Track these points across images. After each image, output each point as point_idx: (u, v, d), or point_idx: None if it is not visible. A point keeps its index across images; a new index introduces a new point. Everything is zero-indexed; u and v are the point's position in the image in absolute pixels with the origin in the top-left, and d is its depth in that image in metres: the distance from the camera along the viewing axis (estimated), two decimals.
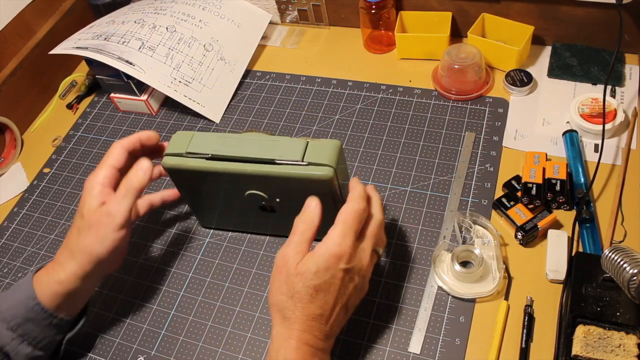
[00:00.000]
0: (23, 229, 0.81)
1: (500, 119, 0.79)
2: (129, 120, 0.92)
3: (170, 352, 0.65)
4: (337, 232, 0.53)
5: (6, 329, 0.57)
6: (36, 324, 0.58)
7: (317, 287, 0.51)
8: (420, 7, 0.89)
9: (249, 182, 0.61)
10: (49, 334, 0.59)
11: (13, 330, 0.57)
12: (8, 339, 0.57)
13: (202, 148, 0.60)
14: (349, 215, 0.54)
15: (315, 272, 0.51)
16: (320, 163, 0.56)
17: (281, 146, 0.58)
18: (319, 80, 0.90)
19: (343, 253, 0.52)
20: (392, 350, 0.61)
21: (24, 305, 0.57)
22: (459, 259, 0.64)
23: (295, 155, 0.57)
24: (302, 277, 0.51)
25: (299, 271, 0.51)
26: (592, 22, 0.80)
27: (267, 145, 0.58)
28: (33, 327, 0.58)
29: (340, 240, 0.52)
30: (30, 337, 0.58)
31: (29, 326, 0.57)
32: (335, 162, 0.56)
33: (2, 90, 0.90)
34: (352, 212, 0.54)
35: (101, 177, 0.59)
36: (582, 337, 0.54)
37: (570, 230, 0.65)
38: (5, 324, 0.57)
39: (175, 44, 0.88)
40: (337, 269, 0.52)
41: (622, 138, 0.74)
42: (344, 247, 0.52)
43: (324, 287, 0.51)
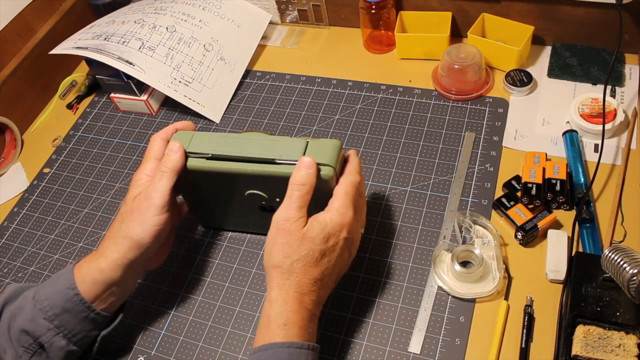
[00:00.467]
0: (23, 229, 0.81)
1: (500, 119, 0.79)
2: (129, 120, 0.92)
3: (170, 352, 0.65)
4: (340, 203, 0.55)
5: (43, 318, 0.56)
6: (73, 315, 0.57)
7: (322, 252, 0.54)
8: (420, 7, 0.89)
9: (249, 182, 0.61)
10: (85, 328, 0.58)
11: (50, 321, 0.56)
12: (44, 330, 0.57)
13: (202, 148, 0.60)
14: (350, 187, 0.56)
15: (323, 238, 0.54)
16: (321, 163, 0.56)
17: (281, 146, 0.58)
18: (319, 80, 0.90)
19: (346, 222, 0.55)
20: (392, 350, 0.61)
21: (63, 295, 0.57)
22: (459, 259, 0.64)
23: (295, 155, 0.57)
24: (310, 241, 0.53)
25: (308, 235, 0.53)
26: (592, 22, 0.80)
27: (267, 145, 0.58)
28: (70, 318, 0.57)
29: (344, 211, 0.55)
30: (66, 329, 0.57)
31: (65, 317, 0.57)
32: (335, 161, 0.57)
33: (2, 90, 0.90)
34: (352, 184, 0.56)
35: (148, 169, 0.61)
36: (582, 337, 0.54)
37: (570, 230, 0.65)
38: (42, 313, 0.56)
39: (175, 44, 0.88)
40: (340, 237, 0.55)
41: (622, 138, 0.74)
42: (347, 217, 0.55)
43: (327, 253, 0.54)
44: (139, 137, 0.89)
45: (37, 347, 0.57)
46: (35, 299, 0.57)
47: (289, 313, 0.52)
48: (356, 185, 0.57)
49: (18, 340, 0.57)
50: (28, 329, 0.56)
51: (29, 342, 0.57)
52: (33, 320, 0.56)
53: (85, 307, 0.57)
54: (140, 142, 0.88)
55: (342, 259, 0.56)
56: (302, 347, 0.51)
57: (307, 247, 0.53)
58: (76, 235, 0.78)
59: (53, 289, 0.58)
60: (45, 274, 0.75)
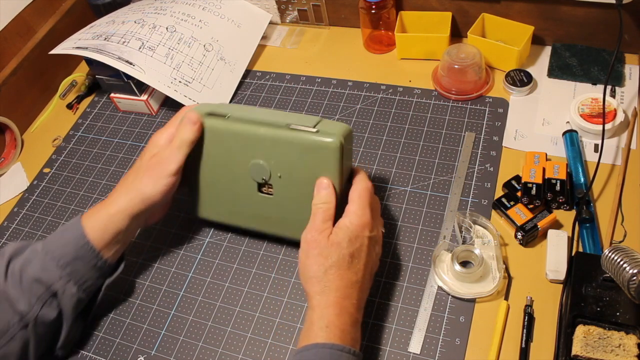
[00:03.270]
0: (23, 229, 0.81)
1: (500, 119, 0.79)
2: (129, 120, 0.92)
3: (170, 352, 0.65)
4: (356, 207, 0.58)
5: (55, 267, 0.60)
6: (84, 262, 0.61)
7: (352, 254, 0.56)
8: (420, 7, 0.89)
9: (257, 149, 0.62)
10: (93, 276, 0.63)
11: (62, 269, 0.60)
12: (56, 277, 0.60)
13: (222, 110, 0.64)
14: (363, 191, 0.59)
15: (349, 241, 0.56)
16: (330, 132, 0.59)
17: (296, 117, 0.62)
18: (319, 80, 0.90)
19: (366, 222, 0.58)
20: (392, 350, 0.61)
21: (74, 244, 0.61)
22: (459, 259, 0.64)
23: (308, 123, 0.60)
24: (337, 246, 0.56)
25: (334, 242, 0.56)
26: (592, 22, 0.80)
27: (282, 115, 0.62)
28: (81, 266, 0.61)
29: (361, 212, 0.58)
30: (77, 276, 0.61)
31: (77, 265, 0.61)
32: (342, 136, 0.59)
33: (2, 90, 0.90)
34: (365, 188, 0.60)
35: (167, 134, 0.66)
36: (582, 337, 0.54)
37: (570, 230, 0.65)
38: (54, 261, 0.60)
39: (175, 44, 0.88)
40: (364, 237, 0.57)
41: (622, 138, 0.74)
42: (366, 217, 0.58)
43: (356, 254, 0.57)
44: (139, 137, 0.89)
45: (49, 295, 0.60)
46: (45, 250, 0.61)
47: (330, 316, 0.54)
48: (368, 190, 0.60)
49: (30, 289, 0.60)
50: (41, 277, 0.60)
51: (41, 291, 0.60)
52: (45, 269, 0.60)
53: (94, 254, 0.62)
54: (140, 142, 0.88)
55: (371, 257, 0.59)
56: (343, 349, 0.52)
57: (337, 253, 0.56)
58: None
59: (63, 240, 0.62)
60: None
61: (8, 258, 0.62)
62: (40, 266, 0.60)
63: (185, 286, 0.70)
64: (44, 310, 0.60)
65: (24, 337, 0.60)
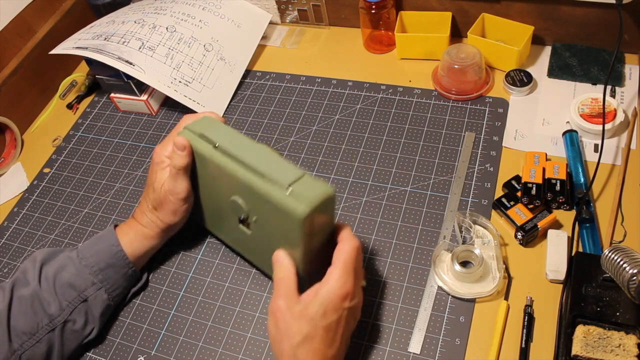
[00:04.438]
0: (23, 229, 0.81)
1: (500, 119, 0.79)
2: (129, 120, 0.92)
3: (170, 352, 0.65)
4: (339, 273, 0.53)
5: (88, 273, 0.63)
6: (116, 270, 0.64)
7: (326, 328, 0.52)
8: (420, 7, 0.89)
9: (237, 188, 0.59)
10: (123, 284, 0.66)
11: (94, 275, 0.63)
12: (89, 284, 0.63)
13: (214, 135, 0.61)
14: (349, 254, 0.54)
15: (323, 314, 0.51)
16: (302, 198, 0.53)
17: (278, 167, 0.56)
18: (319, 80, 0.90)
19: (347, 293, 0.53)
20: (392, 350, 0.61)
21: (108, 252, 0.64)
22: (459, 259, 0.64)
23: (285, 179, 0.54)
24: (310, 320, 0.51)
25: (307, 314, 0.52)
26: (592, 22, 0.80)
27: (267, 160, 0.57)
28: (113, 273, 0.64)
29: (344, 281, 0.53)
30: (108, 283, 0.64)
31: (109, 272, 0.64)
32: (315, 205, 0.52)
33: (2, 90, 0.90)
34: (351, 250, 0.54)
35: (168, 152, 0.65)
36: (582, 337, 0.54)
37: (570, 230, 0.65)
38: (88, 268, 0.63)
39: (175, 44, 0.88)
40: (343, 309, 0.53)
41: (622, 138, 0.74)
42: (348, 287, 0.53)
43: (333, 327, 0.52)
44: (139, 137, 0.89)
45: (80, 301, 0.62)
46: (79, 257, 0.63)
47: None
48: (355, 250, 0.55)
49: (63, 294, 0.62)
50: (74, 283, 0.62)
51: (73, 296, 0.62)
52: (79, 275, 0.62)
53: (126, 263, 0.65)
54: (140, 142, 0.88)
55: (349, 327, 0.55)
56: None
57: (309, 327, 0.51)
58: (76, 235, 0.78)
59: (97, 248, 0.64)
60: None
61: (40, 263, 0.64)
62: (75, 272, 0.63)
63: (185, 286, 0.70)
64: (73, 315, 0.62)
65: (50, 341, 0.61)
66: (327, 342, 0.52)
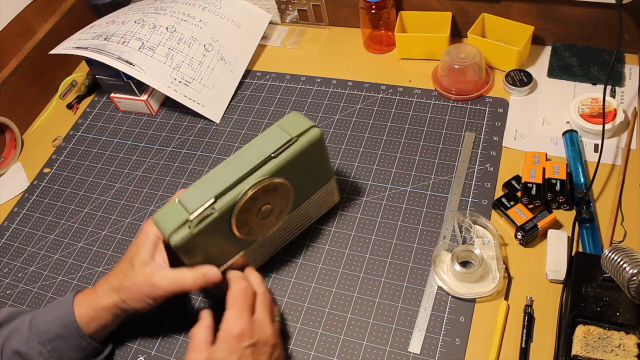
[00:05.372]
0: (23, 229, 0.81)
1: (500, 119, 0.79)
2: (129, 120, 0.92)
3: (170, 352, 0.65)
4: (231, 314, 0.55)
5: (37, 342, 0.59)
6: (67, 342, 0.59)
7: None
8: (420, 7, 0.89)
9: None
10: (75, 357, 0.60)
11: (43, 345, 0.59)
12: (36, 353, 0.59)
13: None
14: (237, 295, 0.57)
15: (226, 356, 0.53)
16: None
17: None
18: (319, 80, 0.90)
19: (242, 331, 0.54)
20: (392, 350, 0.61)
21: (61, 322, 0.59)
22: (459, 259, 0.64)
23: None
24: None
25: None
26: (592, 22, 0.80)
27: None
28: (63, 345, 0.59)
29: (236, 320, 0.55)
30: (57, 354, 0.59)
31: (59, 343, 0.59)
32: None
33: (2, 90, 0.90)
34: (237, 291, 0.57)
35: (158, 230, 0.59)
36: (582, 337, 0.54)
37: (570, 230, 0.65)
38: (37, 337, 0.59)
39: (175, 44, 0.88)
40: (242, 348, 0.53)
41: (622, 138, 0.74)
42: (241, 324, 0.54)
43: None
44: (139, 137, 0.89)
45: None
46: (32, 323, 0.60)
47: None
48: (241, 292, 0.57)
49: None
50: (21, 350, 0.59)
51: None
52: (27, 343, 0.59)
53: (80, 335, 0.60)
54: (140, 142, 0.88)
55: None
56: None
57: None
58: (76, 235, 0.78)
59: (51, 316, 0.60)
60: (45, 273, 0.75)
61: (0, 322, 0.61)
62: (24, 339, 0.59)
63: None
64: None
65: None
66: None
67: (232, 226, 0.59)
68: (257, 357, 0.54)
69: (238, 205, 0.57)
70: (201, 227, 0.56)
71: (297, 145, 0.60)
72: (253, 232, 0.62)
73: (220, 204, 0.56)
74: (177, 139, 0.87)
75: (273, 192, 0.60)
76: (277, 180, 0.59)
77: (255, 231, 0.62)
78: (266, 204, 0.61)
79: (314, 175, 0.64)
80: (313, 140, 0.60)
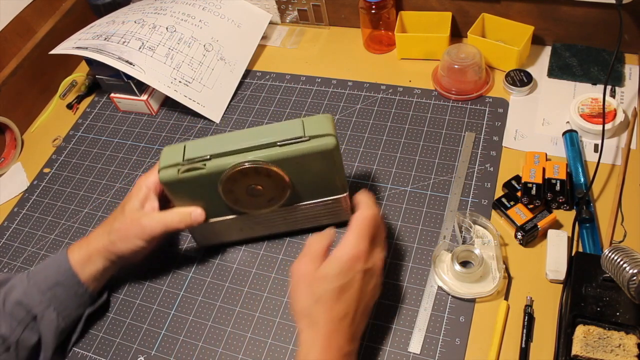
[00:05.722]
0: (23, 229, 0.81)
1: (500, 119, 0.79)
2: (129, 120, 0.92)
3: (170, 352, 0.65)
4: (353, 236, 0.55)
5: (37, 291, 0.62)
6: (65, 289, 0.63)
7: (340, 288, 0.53)
8: (420, 7, 0.89)
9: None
10: (73, 304, 0.64)
11: (43, 294, 0.62)
12: (37, 301, 0.62)
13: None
14: (364, 221, 0.56)
15: (337, 274, 0.53)
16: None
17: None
18: (319, 80, 0.90)
19: (361, 255, 0.55)
20: (392, 350, 0.61)
21: (56, 269, 0.63)
22: (459, 259, 0.64)
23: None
24: (325, 280, 0.53)
25: (321, 275, 0.54)
26: (592, 22, 0.80)
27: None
28: (61, 291, 0.63)
29: (356, 243, 0.55)
30: (57, 301, 0.62)
31: (58, 290, 0.62)
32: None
33: (2, 90, 0.90)
34: (365, 217, 0.57)
35: (150, 182, 0.65)
36: (582, 337, 0.54)
37: (570, 230, 0.65)
38: (36, 286, 0.62)
39: (175, 44, 0.88)
40: (357, 270, 0.54)
41: (622, 138, 0.74)
42: (361, 249, 0.55)
43: (346, 288, 0.53)
44: (139, 137, 0.89)
45: (30, 319, 0.61)
46: (29, 276, 0.63)
47: (317, 352, 0.51)
48: (370, 218, 0.57)
49: (12, 314, 0.61)
50: (22, 301, 0.61)
51: (22, 315, 0.61)
52: (27, 293, 0.62)
53: (76, 281, 0.63)
54: (140, 142, 0.88)
55: (364, 290, 0.55)
56: None
57: (324, 286, 0.53)
58: (76, 235, 0.78)
59: (46, 267, 0.64)
60: None
61: None
62: (23, 291, 0.62)
63: (185, 286, 0.70)
64: (25, 333, 0.61)
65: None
66: (342, 302, 0.53)
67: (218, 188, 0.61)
68: (366, 284, 0.56)
69: (227, 173, 0.59)
70: (187, 175, 0.59)
71: (305, 145, 0.58)
72: (240, 204, 0.64)
73: (211, 164, 0.59)
74: (177, 139, 0.87)
75: (267, 177, 0.60)
76: (272, 167, 0.59)
77: (242, 204, 0.64)
78: (257, 185, 0.61)
79: (320, 182, 0.63)
80: (324, 147, 0.58)
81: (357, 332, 0.55)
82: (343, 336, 0.53)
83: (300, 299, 0.54)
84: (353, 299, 0.54)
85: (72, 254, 0.64)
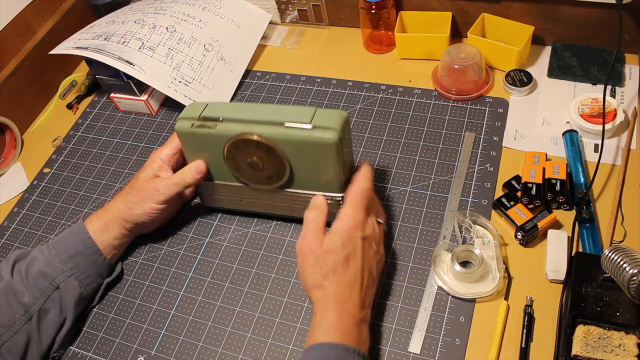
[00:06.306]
0: (23, 229, 0.81)
1: (500, 119, 0.79)
2: (129, 120, 0.92)
3: (170, 352, 0.65)
4: (349, 209, 0.59)
5: (59, 261, 0.64)
6: (85, 258, 0.66)
7: (346, 258, 0.57)
8: (420, 7, 0.89)
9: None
10: (94, 272, 0.67)
11: (64, 263, 0.64)
12: (60, 271, 0.64)
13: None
14: (358, 193, 0.60)
15: (341, 245, 0.57)
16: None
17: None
18: (319, 80, 0.90)
19: (358, 224, 0.59)
20: (392, 350, 0.61)
21: (76, 239, 0.66)
22: (459, 259, 0.64)
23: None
24: (332, 252, 0.57)
25: (327, 248, 0.57)
26: (592, 22, 0.80)
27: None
28: (82, 260, 0.65)
29: (354, 215, 0.59)
30: (78, 270, 0.65)
31: (79, 259, 0.65)
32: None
33: (2, 90, 0.90)
34: (359, 190, 0.61)
35: (164, 155, 0.70)
36: (582, 337, 0.54)
37: (570, 230, 0.65)
38: (57, 257, 0.65)
39: (175, 44, 0.88)
40: (357, 238, 0.58)
41: (622, 138, 0.74)
42: (358, 219, 0.59)
43: (351, 257, 0.57)
44: (139, 137, 0.89)
45: (53, 289, 0.64)
46: (49, 248, 0.66)
47: (330, 320, 0.54)
48: (363, 191, 0.61)
49: (35, 284, 0.63)
50: (45, 271, 0.64)
51: (45, 285, 0.63)
52: (49, 263, 0.64)
53: (95, 250, 0.66)
54: (140, 142, 0.88)
55: (367, 256, 0.59)
56: (348, 349, 0.53)
57: (332, 258, 0.57)
58: None
59: (65, 238, 0.67)
60: None
61: (13, 260, 0.66)
62: (45, 261, 0.64)
63: (185, 286, 0.70)
64: (47, 304, 0.63)
65: (28, 331, 0.62)
66: (349, 271, 0.57)
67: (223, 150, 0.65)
68: (367, 250, 0.59)
69: (232, 138, 0.63)
70: (199, 131, 0.64)
71: (307, 132, 0.60)
72: (240, 173, 0.67)
73: (221, 126, 0.63)
74: None
75: (267, 153, 0.63)
76: (272, 145, 0.61)
77: (243, 173, 0.67)
78: (258, 158, 0.64)
79: (317, 174, 0.64)
80: (322, 140, 0.59)
81: (367, 298, 0.58)
82: (354, 302, 0.56)
83: (310, 274, 0.57)
84: (359, 266, 0.58)
85: (89, 224, 0.67)
